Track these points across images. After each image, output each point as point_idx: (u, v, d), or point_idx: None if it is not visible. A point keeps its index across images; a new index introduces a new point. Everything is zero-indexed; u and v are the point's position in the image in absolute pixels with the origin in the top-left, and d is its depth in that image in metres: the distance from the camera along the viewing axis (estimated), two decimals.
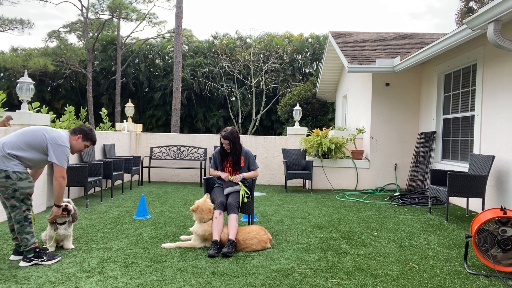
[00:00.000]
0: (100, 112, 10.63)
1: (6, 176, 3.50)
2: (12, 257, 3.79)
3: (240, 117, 24.92)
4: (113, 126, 10.66)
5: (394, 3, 66.59)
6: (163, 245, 4.27)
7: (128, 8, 26.24)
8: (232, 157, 4.78)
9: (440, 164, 7.91)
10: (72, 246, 4.15)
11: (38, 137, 3.65)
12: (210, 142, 10.26)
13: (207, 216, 4.33)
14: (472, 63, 7.04)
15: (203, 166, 9.92)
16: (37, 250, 3.66)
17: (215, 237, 4.17)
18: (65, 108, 8.56)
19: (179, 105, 17.13)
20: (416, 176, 8.49)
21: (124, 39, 28.16)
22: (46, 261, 3.67)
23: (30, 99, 5.95)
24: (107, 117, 10.26)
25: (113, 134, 9.25)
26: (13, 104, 25.13)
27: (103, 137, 8.65)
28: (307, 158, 9.28)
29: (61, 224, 4.10)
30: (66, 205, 4.09)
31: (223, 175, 4.75)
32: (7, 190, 3.53)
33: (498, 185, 5.96)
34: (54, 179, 3.70)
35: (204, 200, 4.41)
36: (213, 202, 4.56)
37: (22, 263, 3.62)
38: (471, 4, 20.48)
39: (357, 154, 9.22)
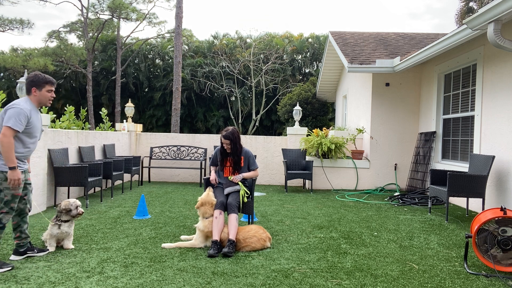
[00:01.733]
0: (100, 112, 10.63)
1: None
2: (12, 257, 3.79)
3: (240, 117, 24.92)
4: (113, 126, 10.66)
5: (393, 3, 66.62)
6: (163, 245, 4.27)
7: (128, 8, 26.24)
8: (232, 157, 4.79)
9: (440, 164, 7.91)
10: (72, 246, 4.15)
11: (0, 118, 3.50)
12: (210, 142, 10.26)
13: (210, 211, 4.35)
14: (472, 63, 7.04)
15: (203, 166, 9.92)
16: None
17: (215, 237, 4.18)
18: (65, 108, 8.56)
19: (179, 105, 17.13)
20: (416, 176, 8.49)
21: (124, 39, 28.17)
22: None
23: None
24: (107, 117, 10.26)
25: (113, 134, 9.25)
26: None
27: (103, 137, 8.65)
28: (307, 158, 9.28)
29: (65, 221, 4.14)
30: (77, 206, 4.19)
31: (212, 176, 4.79)
32: None
33: (498, 185, 5.96)
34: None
35: (207, 194, 4.46)
36: None
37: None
38: (471, 4, 20.48)
39: (357, 154, 9.22)
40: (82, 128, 8.81)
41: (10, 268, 3.51)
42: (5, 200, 3.50)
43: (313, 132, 9.60)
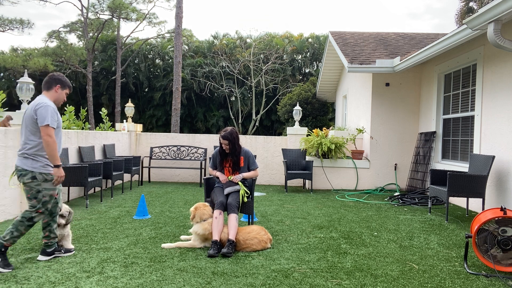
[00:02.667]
0: (100, 112, 10.63)
1: (32, 177, 3.59)
2: (40, 257, 3.77)
3: (240, 117, 24.92)
4: (113, 126, 10.66)
5: (393, 3, 66.62)
6: (163, 245, 4.27)
7: (128, 8, 26.24)
8: (232, 157, 4.79)
9: (440, 164, 7.91)
10: (72, 246, 4.15)
11: (29, 118, 3.61)
12: (210, 142, 10.26)
13: (207, 211, 4.34)
14: (472, 63, 7.04)
15: (203, 166, 9.92)
16: (3, 250, 3.54)
17: (215, 237, 4.17)
18: (65, 108, 8.56)
19: (179, 105, 17.12)
20: (416, 176, 8.49)
21: (124, 39, 28.17)
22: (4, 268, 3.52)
23: (30, 99, 5.96)
24: (107, 117, 10.26)
25: (113, 134, 9.25)
26: (13, 104, 25.14)
27: (103, 137, 8.65)
28: (307, 158, 9.28)
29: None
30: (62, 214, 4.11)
31: (222, 177, 4.76)
32: (31, 190, 3.61)
33: (498, 185, 5.96)
34: (42, 139, 3.57)
35: (200, 203, 4.48)
36: (213, 202, 4.57)
37: (41, 257, 3.76)
38: (471, 4, 20.48)
39: (357, 154, 9.22)
40: (82, 128, 8.81)
41: (11, 270, 3.48)
42: (43, 200, 3.65)
43: (313, 132, 9.60)
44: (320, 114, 17.53)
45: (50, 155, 3.61)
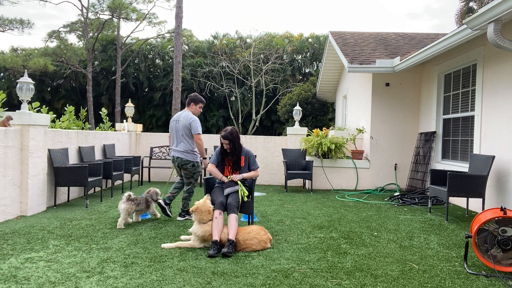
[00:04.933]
0: (100, 112, 10.63)
1: (192, 165, 5.53)
2: (179, 218, 5.59)
3: (240, 117, 24.92)
4: (113, 126, 10.66)
5: (393, 3, 66.63)
6: (163, 245, 4.27)
7: (128, 8, 26.25)
8: (232, 156, 4.79)
9: (440, 164, 7.91)
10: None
11: (185, 128, 5.42)
12: (210, 142, 10.25)
13: (207, 217, 4.32)
14: (472, 63, 7.04)
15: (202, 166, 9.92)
16: (188, 210, 5.58)
17: (215, 237, 4.17)
18: (65, 108, 8.56)
19: (179, 105, 17.10)
20: (416, 176, 8.49)
21: (124, 39, 28.17)
22: (190, 216, 5.51)
23: (30, 99, 5.95)
24: (107, 117, 10.25)
25: (113, 134, 9.24)
26: (13, 104, 25.14)
27: (103, 137, 8.65)
28: (307, 158, 9.28)
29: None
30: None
31: (223, 179, 4.76)
32: (190, 173, 5.55)
33: (498, 185, 5.96)
34: (195, 142, 5.48)
35: (204, 201, 4.40)
36: (213, 202, 4.56)
37: (179, 218, 5.59)
38: (471, 4, 20.48)
39: (357, 154, 9.22)
40: (82, 128, 8.81)
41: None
42: (196, 178, 5.65)
43: (313, 132, 9.60)
44: (320, 114, 17.53)
45: (201, 151, 5.59)
